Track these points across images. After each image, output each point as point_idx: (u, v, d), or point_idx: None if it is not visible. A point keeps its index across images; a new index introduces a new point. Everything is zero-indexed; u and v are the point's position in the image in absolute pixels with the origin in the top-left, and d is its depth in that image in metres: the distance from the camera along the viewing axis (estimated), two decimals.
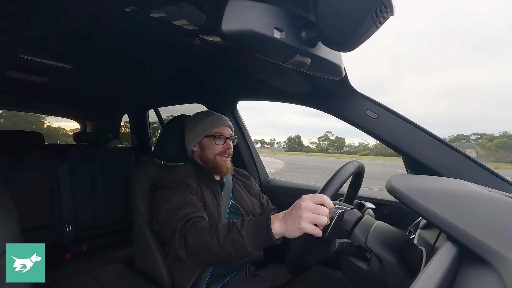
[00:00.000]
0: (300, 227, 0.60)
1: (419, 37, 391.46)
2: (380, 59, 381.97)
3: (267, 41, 0.52)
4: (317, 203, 0.61)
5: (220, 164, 1.01)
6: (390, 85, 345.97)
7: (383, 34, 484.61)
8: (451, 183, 0.61)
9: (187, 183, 0.93)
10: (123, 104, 2.27)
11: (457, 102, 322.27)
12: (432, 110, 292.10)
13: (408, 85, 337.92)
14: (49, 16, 0.81)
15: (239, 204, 1.05)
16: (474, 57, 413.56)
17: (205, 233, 0.72)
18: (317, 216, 0.59)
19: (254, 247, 0.66)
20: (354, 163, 0.76)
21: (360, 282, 0.64)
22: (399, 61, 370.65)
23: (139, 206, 1.02)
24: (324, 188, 0.67)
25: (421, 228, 0.74)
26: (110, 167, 1.94)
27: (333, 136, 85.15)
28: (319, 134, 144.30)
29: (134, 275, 1.06)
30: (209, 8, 0.69)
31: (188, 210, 0.83)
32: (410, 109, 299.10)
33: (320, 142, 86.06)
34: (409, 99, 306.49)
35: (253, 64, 1.03)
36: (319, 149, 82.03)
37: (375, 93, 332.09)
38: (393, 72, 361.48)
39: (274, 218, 0.66)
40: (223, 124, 1.04)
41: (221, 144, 1.01)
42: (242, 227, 0.68)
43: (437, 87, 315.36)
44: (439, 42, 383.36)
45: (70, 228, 1.68)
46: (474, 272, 0.39)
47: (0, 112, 9.04)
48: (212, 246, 0.69)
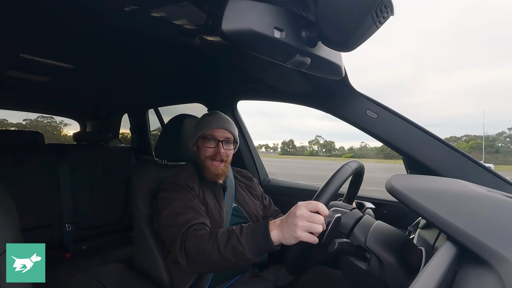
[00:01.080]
0: (295, 236, 0.61)
1: (442, 36, 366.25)
2: (401, 60, 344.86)
3: (267, 41, 0.52)
4: (312, 210, 0.61)
5: (209, 168, 0.96)
6: (412, 86, 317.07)
7: (402, 34, 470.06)
8: (451, 183, 0.61)
9: (189, 185, 0.92)
10: (123, 104, 2.27)
11: (485, 102, 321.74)
12: (458, 111, 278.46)
13: (432, 85, 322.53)
14: (49, 16, 0.81)
15: (242, 207, 1.03)
16: (506, 54, 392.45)
17: (205, 241, 0.72)
18: (312, 225, 0.60)
19: (254, 254, 0.67)
20: (351, 164, 0.75)
21: (359, 282, 0.64)
22: (421, 61, 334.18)
23: (139, 206, 1.02)
24: (319, 194, 0.66)
25: (420, 228, 0.74)
26: (110, 166, 1.93)
27: (322, 140, 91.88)
28: (335, 137, 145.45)
29: (134, 274, 1.06)
30: (209, 8, 0.69)
31: (189, 216, 0.82)
32: (434, 110, 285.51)
33: (312, 146, 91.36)
34: (433, 100, 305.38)
35: (253, 64, 1.03)
36: (309, 152, 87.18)
37: (396, 95, 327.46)
38: (415, 72, 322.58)
39: (272, 225, 0.67)
40: (217, 126, 0.97)
41: (211, 147, 0.96)
42: (241, 234, 0.68)
43: (464, 87, 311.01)
44: (465, 40, 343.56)
45: (70, 228, 1.68)
46: (474, 272, 0.39)
47: (23, 122, 9.32)
48: (213, 254, 0.70)
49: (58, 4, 0.74)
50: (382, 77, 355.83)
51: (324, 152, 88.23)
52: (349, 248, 0.60)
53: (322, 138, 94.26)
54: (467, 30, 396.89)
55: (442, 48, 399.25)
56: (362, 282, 0.63)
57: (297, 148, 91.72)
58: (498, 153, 64.56)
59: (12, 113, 5.50)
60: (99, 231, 1.84)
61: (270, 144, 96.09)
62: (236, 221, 0.99)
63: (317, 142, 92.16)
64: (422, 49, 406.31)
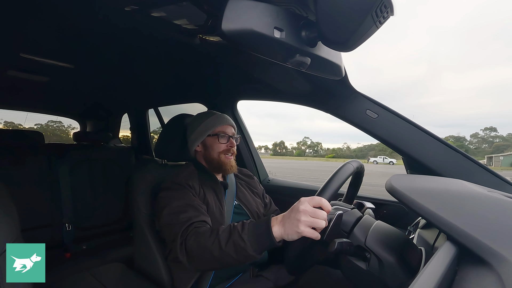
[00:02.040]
0: (298, 231, 0.60)
1: (457, 33, 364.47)
2: (415, 59, 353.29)
3: (267, 41, 0.52)
4: (315, 206, 0.61)
5: (224, 162, 1.01)
6: (427, 85, 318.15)
7: (415, 32, 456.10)
8: (450, 183, 0.61)
9: (189, 184, 0.93)
10: (123, 104, 2.27)
11: (508, 102, 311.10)
12: (477, 111, 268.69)
13: (449, 85, 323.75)
14: (49, 16, 0.81)
15: (243, 204, 1.05)
16: None
17: (206, 238, 0.72)
18: (315, 220, 0.60)
19: (256, 250, 0.66)
20: (353, 163, 0.76)
21: (359, 282, 0.64)
22: (437, 60, 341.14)
23: (139, 206, 1.02)
24: (322, 190, 0.66)
25: (420, 228, 0.74)
26: (110, 166, 1.94)
27: (309, 141, 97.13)
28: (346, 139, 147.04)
29: (134, 274, 1.06)
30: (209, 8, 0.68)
31: (190, 214, 0.83)
32: (452, 110, 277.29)
33: (301, 147, 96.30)
34: (450, 99, 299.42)
35: (253, 64, 1.03)
36: (298, 153, 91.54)
37: (411, 94, 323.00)
38: (430, 71, 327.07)
39: (273, 221, 0.67)
40: (226, 123, 1.04)
41: (225, 142, 1.02)
42: (243, 230, 0.68)
43: (482, 86, 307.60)
44: (483, 37, 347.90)
45: (70, 228, 1.69)
46: (473, 272, 0.39)
47: (35, 127, 9.45)
48: (214, 251, 0.69)
49: (58, 4, 0.74)
50: (396, 76, 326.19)
51: (311, 152, 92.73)
52: (349, 248, 0.60)
53: (310, 139, 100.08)
54: (484, 26, 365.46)
55: (457, 45, 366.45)
56: (362, 282, 0.63)
57: (288, 149, 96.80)
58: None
59: (25, 117, 5.53)
60: (99, 231, 1.84)
61: (269, 146, 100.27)
62: (238, 219, 1.00)
63: (304, 143, 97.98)
64: (437, 47, 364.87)
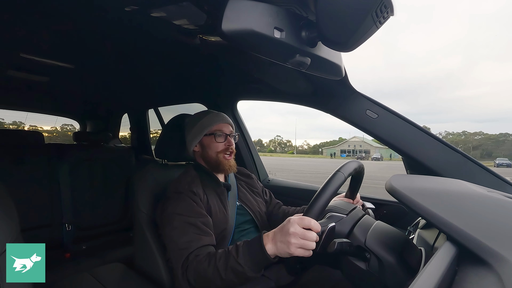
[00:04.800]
0: (289, 252, 0.63)
1: (498, 19, 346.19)
2: (448, 49, 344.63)
3: (267, 41, 0.52)
4: (304, 227, 0.62)
5: (222, 162, 0.99)
6: (462, 77, 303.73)
7: (449, 21, 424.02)
8: (450, 183, 0.61)
9: (193, 191, 0.91)
10: (123, 104, 2.27)
11: None
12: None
13: (488, 75, 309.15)
14: (50, 16, 0.81)
15: (246, 205, 1.04)
16: None
17: (206, 269, 0.73)
18: (305, 242, 0.62)
19: (254, 271, 0.69)
20: (345, 170, 0.69)
21: (359, 282, 0.64)
22: (474, 49, 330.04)
23: (139, 206, 1.02)
24: (309, 209, 0.64)
25: (420, 228, 0.74)
26: (110, 166, 1.93)
27: (280, 139, 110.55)
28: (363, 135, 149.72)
29: (134, 274, 1.06)
30: (209, 8, 0.69)
31: (189, 236, 0.82)
32: (490, 103, 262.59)
33: (270, 144, 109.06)
34: (489, 92, 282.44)
35: (253, 63, 1.03)
36: (269, 150, 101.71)
37: (443, 87, 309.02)
38: (466, 62, 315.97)
39: (265, 239, 0.68)
40: (222, 121, 1.02)
41: (222, 141, 1.00)
42: (238, 255, 0.70)
43: None
44: None
45: (70, 228, 1.68)
46: (473, 272, 0.39)
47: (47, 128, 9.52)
48: (216, 281, 0.72)
49: (58, 4, 0.74)
50: (425, 69, 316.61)
51: (279, 149, 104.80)
52: (348, 248, 0.60)
53: (281, 137, 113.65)
54: None
55: (499, 32, 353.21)
56: (361, 282, 0.63)
57: (265, 146, 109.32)
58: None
59: (43, 120, 5.54)
60: (99, 231, 1.83)
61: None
62: (241, 220, 1.00)
63: (275, 141, 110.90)
64: (474, 36, 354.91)
